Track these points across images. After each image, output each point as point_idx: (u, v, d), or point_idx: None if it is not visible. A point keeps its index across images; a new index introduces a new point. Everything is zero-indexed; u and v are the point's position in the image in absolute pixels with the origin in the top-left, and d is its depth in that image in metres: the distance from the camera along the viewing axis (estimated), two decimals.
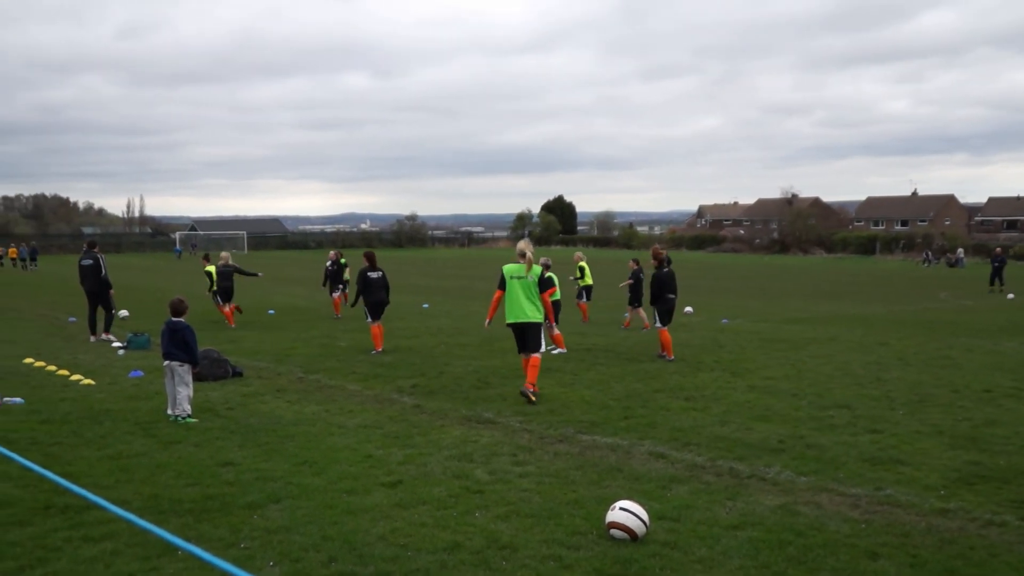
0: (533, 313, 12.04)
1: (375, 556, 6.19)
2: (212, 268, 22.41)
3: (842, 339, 19.22)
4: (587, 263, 23.24)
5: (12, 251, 66.36)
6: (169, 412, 10.72)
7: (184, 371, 10.82)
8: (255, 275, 24.53)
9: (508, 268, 12.28)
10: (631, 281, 21.02)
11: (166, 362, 10.84)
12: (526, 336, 12.07)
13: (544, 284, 12.24)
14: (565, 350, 16.99)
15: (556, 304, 17.49)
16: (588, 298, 23.42)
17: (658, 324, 16.17)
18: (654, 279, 16.19)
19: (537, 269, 12.29)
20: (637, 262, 21.53)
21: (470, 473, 8.35)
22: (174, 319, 11.01)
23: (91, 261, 18.72)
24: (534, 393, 11.90)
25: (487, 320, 12.72)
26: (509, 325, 12.18)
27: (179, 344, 10.88)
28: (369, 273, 17.00)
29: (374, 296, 16.92)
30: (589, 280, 23.30)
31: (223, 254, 23.14)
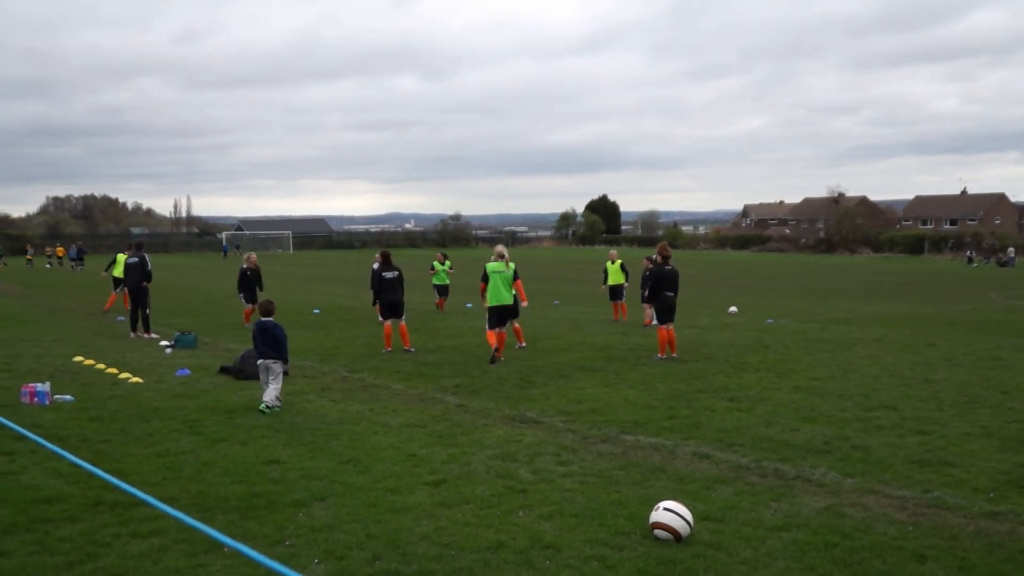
0: (510, 298, 15.80)
1: (419, 555, 6.22)
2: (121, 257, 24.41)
3: (889, 339, 18.98)
4: (618, 262, 23.30)
5: (60, 250, 67.32)
6: (266, 402, 11.18)
7: (278, 367, 11.39)
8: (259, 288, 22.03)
9: (490, 266, 15.81)
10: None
11: (260, 360, 11.45)
12: (504, 314, 15.88)
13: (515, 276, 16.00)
14: (524, 344, 17.60)
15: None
16: (614, 297, 23.40)
17: (655, 322, 16.28)
18: (652, 274, 16.38)
19: (512, 266, 15.89)
20: (651, 260, 21.83)
21: (513, 473, 8.36)
22: (264, 319, 11.70)
23: (137, 259, 19.28)
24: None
25: (484, 303, 15.96)
26: (492, 307, 15.67)
27: (270, 342, 11.43)
28: (384, 273, 16.97)
29: (388, 296, 16.91)
30: (612, 280, 23.35)
31: (250, 255, 22.89)
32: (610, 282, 23.43)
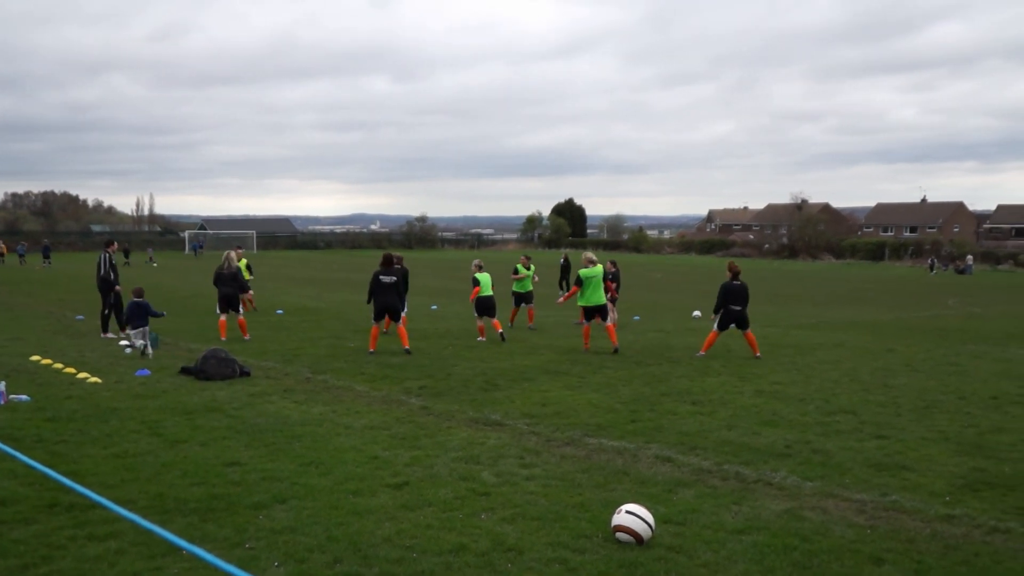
0: (603, 297, 17.64)
1: (380, 557, 6.20)
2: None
3: (849, 345, 19.18)
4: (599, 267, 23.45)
5: (3, 247, 66.21)
6: (143, 354, 15.77)
7: (147, 331, 16.19)
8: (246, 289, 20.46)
9: (584, 272, 17.43)
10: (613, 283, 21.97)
11: (138, 328, 16.10)
12: (597, 312, 17.58)
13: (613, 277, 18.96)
14: (484, 339, 18.90)
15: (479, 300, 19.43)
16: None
17: (715, 327, 17.44)
18: (721, 288, 17.47)
19: (599, 269, 17.76)
20: (615, 264, 22.33)
21: (476, 475, 8.35)
22: (139, 299, 16.48)
23: (98, 259, 19.09)
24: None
25: (562, 301, 19.49)
26: (587, 307, 17.49)
27: (144, 315, 16.19)
28: (381, 276, 16.87)
29: (382, 299, 16.86)
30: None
31: (233, 253, 19.68)
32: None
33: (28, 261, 60.05)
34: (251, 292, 25.58)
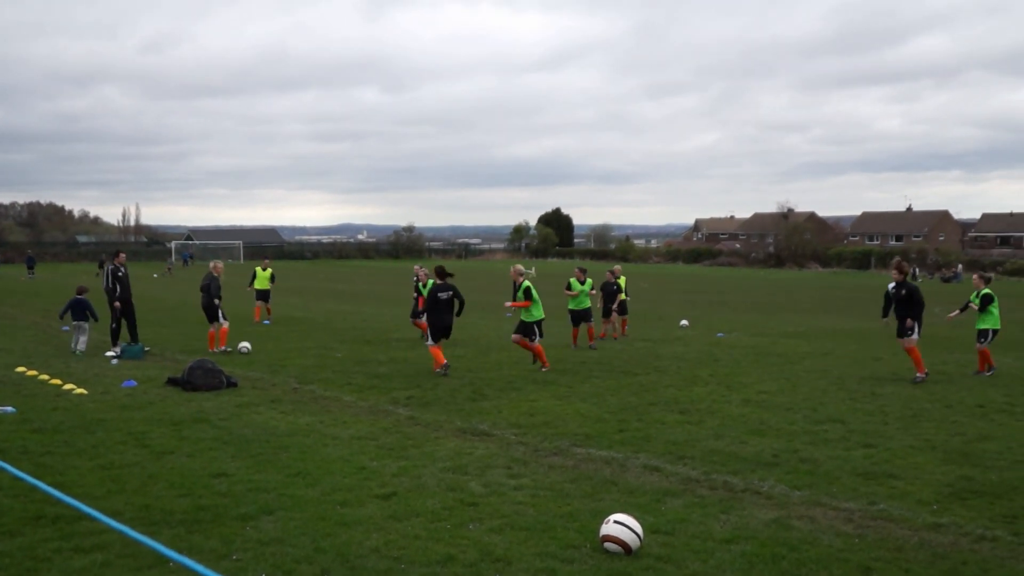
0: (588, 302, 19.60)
1: (368, 569, 6.17)
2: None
3: (837, 353, 19.23)
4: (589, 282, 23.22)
5: None
6: (73, 348, 17.60)
7: (88, 326, 17.73)
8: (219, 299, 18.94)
9: (576, 283, 19.41)
10: (601, 292, 21.38)
11: (77, 322, 17.69)
12: (583, 316, 19.61)
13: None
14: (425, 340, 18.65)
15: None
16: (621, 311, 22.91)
17: (916, 336, 15.28)
18: (918, 292, 15.58)
19: (590, 281, 19.71)
20: (612, 273, 21.72)
21: (464, 485, 8.33)
22: (80, 296, 17.84)
23: (104, 270, 18.83)
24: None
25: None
26: (581, 311, 19.50)
27: (85, 311, 17.61)
28: (439, 293, 15.59)
29: (440, 318, 15.52)
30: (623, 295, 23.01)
31: (216, 263, 19.53)
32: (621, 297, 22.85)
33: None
34: (258, 303, 25.75)
